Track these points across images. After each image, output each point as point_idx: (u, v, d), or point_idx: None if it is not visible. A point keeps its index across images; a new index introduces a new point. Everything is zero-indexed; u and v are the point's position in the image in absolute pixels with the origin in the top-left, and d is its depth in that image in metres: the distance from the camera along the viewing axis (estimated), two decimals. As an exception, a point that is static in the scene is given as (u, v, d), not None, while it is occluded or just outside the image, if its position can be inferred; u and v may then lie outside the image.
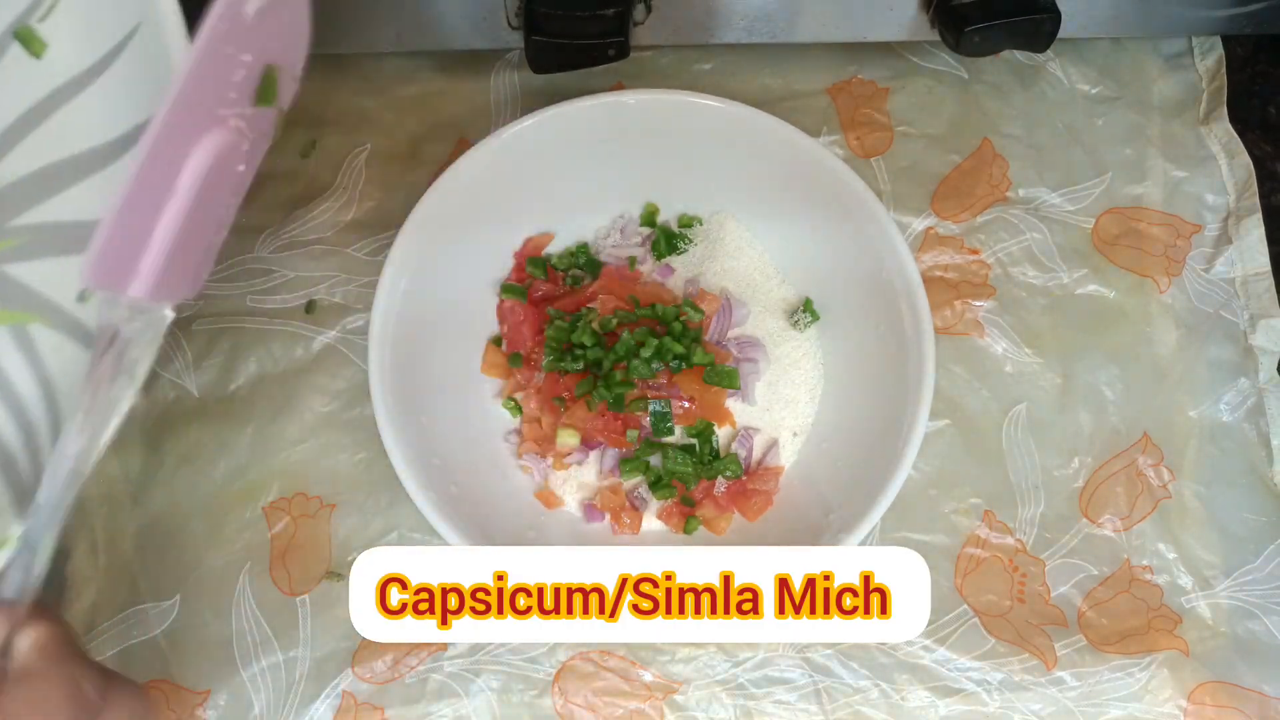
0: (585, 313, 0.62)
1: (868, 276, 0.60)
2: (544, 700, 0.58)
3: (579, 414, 0.59)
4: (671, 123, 0.61)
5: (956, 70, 0.71)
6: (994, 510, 0.62)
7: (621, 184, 0.65)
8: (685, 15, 0.63)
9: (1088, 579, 0.61)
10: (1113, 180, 0.69)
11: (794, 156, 0.61)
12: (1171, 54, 0.72)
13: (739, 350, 0.62)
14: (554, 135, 0.60)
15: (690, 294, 0.63)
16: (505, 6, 0.62)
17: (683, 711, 0.58)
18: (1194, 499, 0.62)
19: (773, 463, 0.61)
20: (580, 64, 0.62)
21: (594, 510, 0.60)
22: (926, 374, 0.56)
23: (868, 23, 0.65)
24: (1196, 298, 0.66)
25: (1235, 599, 0.61)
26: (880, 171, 0.69)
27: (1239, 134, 0.69)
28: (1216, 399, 0.64)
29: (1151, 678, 0.59)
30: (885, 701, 0.58)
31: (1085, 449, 0.63)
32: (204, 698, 0.58)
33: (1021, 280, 0.67)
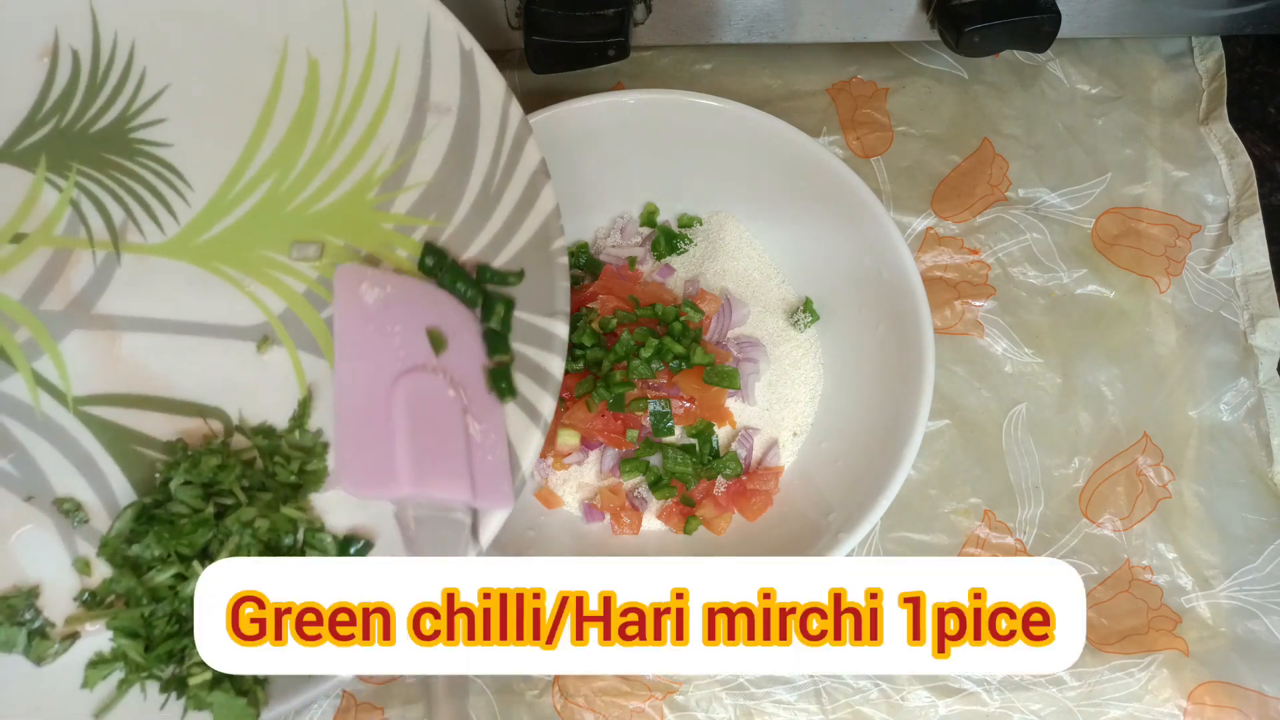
0: (585, 313, 0.62)
1: (868, 276, 0.60)
2: (544, 700, 0.58)
3: (579, 414, 0.59)
4: (671, 123, 0.61)
5: (956, 70, 0.71)
6: (994, 510, 0.62)
7: (621, 184, 0.65)
8: (685, 15, 0.63)
9: (1088, 579, 0.61)
10: (1113, 180, 0.69)
11: (794, 156, 0.61)
12: (1171, 54, 0.72)
13: (739, 350, 0.62)
14: (554, 135, 0.60)
15: (690, 294, 0.63)
16: (505, 6, 0.62)
17: (683, 711, 0.58)
18: (1194, 499, 0.62)
19: (773, 463, 0.61)
20: (580, 64, 0.62)
21: (594, 510, 0.60)
22: (926, 374, 0.56)
23: (868, 23, 0.65)
24: (1196, 298, 0.66)
25: (1235, 599, 0.61)
26: (880, 171, 0.69)
27: (1239, 134, 0.69)
28: (1216, 399, 0.64)
29: (1151, 678, 0.59)
30: (885, 702, 0.58)
31: (1085, 449, 0.63)
32: (204, 698, 0.58)
33: (1021, 280, 0.67)
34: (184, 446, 0.50)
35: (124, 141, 0.52)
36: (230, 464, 0.49)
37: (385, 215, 0.52)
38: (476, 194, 0.52)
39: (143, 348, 0.51)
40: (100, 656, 0.47)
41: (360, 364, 0.49)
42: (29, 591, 0.48)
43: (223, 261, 0.52)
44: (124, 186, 0.52)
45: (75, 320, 0.51)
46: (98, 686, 0.47)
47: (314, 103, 0.52)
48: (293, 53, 0.52)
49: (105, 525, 0.49)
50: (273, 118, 0.52)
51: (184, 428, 0.50)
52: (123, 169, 0.52)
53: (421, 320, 0.50)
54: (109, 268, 0.51)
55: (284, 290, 0.52)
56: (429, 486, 0.47)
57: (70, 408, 0.50)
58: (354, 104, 0.52)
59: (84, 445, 0.50)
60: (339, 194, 0.52)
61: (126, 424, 0.50)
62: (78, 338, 0.51)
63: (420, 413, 0.48)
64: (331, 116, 0.52)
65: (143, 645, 0.47)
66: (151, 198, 0.52)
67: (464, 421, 0.49)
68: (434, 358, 0.50)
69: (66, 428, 0.50)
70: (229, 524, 0.47)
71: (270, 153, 0.52)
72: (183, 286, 0.51)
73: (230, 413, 0.51)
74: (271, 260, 0.52)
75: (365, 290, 0.50)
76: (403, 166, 0.52)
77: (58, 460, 0.49)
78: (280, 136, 0.52)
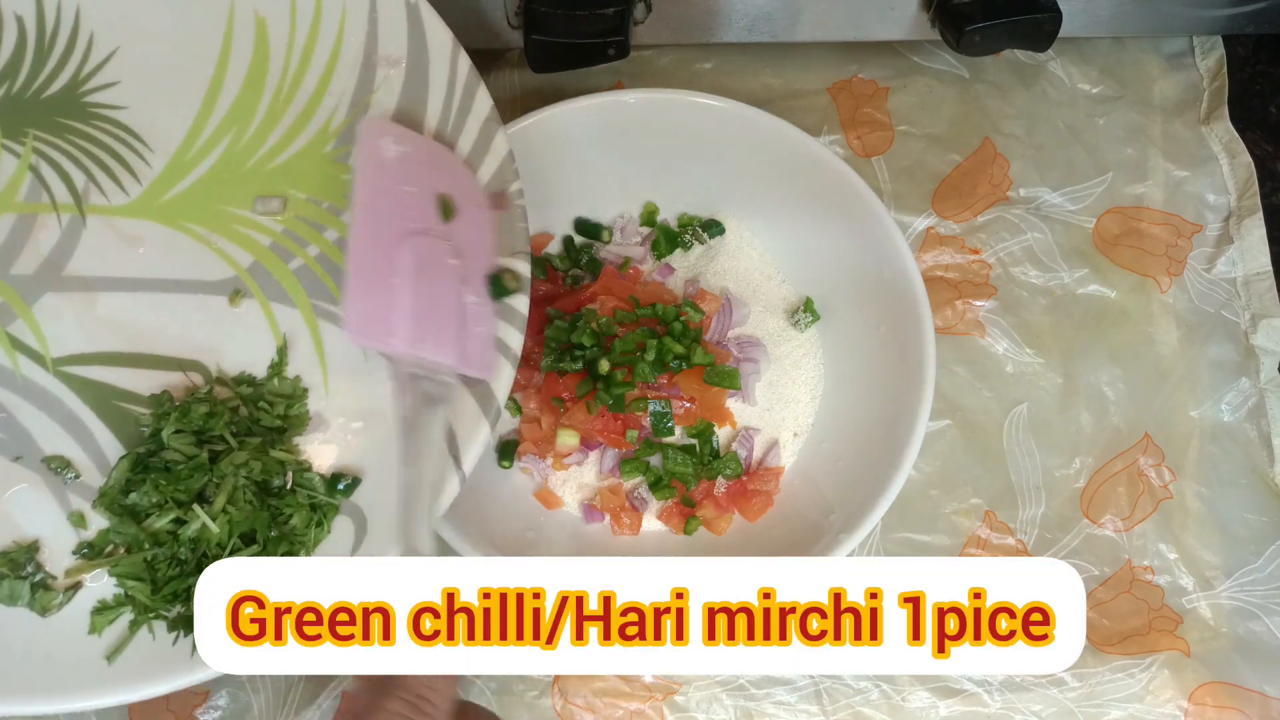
0: (585, 313, 0.61)
1: (868, 276, 0.60)
2: (544, 701, 0.58)
3: (579, 414, 0.59)
4: (672, 122, 0.61)
5: (957, 69, 0.71)
6: (995, 510, 0.62)
7: (621, 184, 0.65)
8: (685, 14, 0.63)
9: (1089, 580, 0.61)
10: (1114, 180, 0.69)
11: (794, 156, 0.60)
12: (1173, 53, 0.72)
13: (739, 350, 0.62)
14: (554, 135, 0.60)
15: (690, 294, 0.63)
16: (505, 6, 0.62)
17: (683, 712, 0.58)
18: (1195, 499, 0.62)
19: (773, 463, 0.61)
20: (580, 63, 0.62)
21: (594, 511, 0.60)
22: (927, 374, 0.56)
23: (868, 22, 0.65)
24: (1198, 297, 0.66)
25: (1236, 599, 0.60)
26: (881, 171, 0.69)
27: (1240, 133, 0.69)
28: (1218, 399, 0.64)
29: (1153, 678, 0.59)
30: (886, 702, 0.58)
31: (1086, 449, 0.63)
32: (203, 699, 0.58)
33: (1022, 280, 0.67)
34: (170, 398, 0.51)
35: (78, 106, 0.53)
36: (219, 410, 0.50)
37: (344, 167, 0.53)
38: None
39: (117, 307, 0.52)
40: (104, 604, 0.49)
41: (373, 216, 0.49)
42: (29, 546, 0.50)
43: (188, 219, 0.53)
44: (82, 150, 0.53)
45: (46, 283, 0.52)
46: (105, 631, 0.48)
47: (264, 60, 0.54)
48: (240, 12, 0.53)
49: (96, 480, 0.50)
50: (225, 77, 0.53)
51: (165, 382, 0.52)
52: (80, 133, 0.53)
53: (434, 185, 0.51)
54: (75, 230, 0.52)
55: (250, 244, 0.53)
56: (422, 346, 0.48)
57: (50, 369, 0.51)
58: (304, 60, 0.54)
59: (67, 404, 0.51)
60: (296, 148, 0.54)
61: (108, 381, 0.51)
62: (51, 300, 0.51)
63: (422, 274, 0.49)
64: (283, 73, 0.54)
65: (149, 587, 0.48)
66: (111, 160, 0.53)
67: (460, 290, 0.50)
68: (441, 224, 0.50)
69: (48, 388, 0.51)
70: (223, 467, 0.49)
71: (226, 111, 0.53)
72: (150, 245, 0.52)
73: (209, 365, 0.52)
74: (236, 216, 0.53)
75: (386, 145, 0.50)
76: (357, 119, 0.53)
77: (42, 421, 0.51)
78: (234, 95, 0.53)
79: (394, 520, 0.44)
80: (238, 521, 0.48)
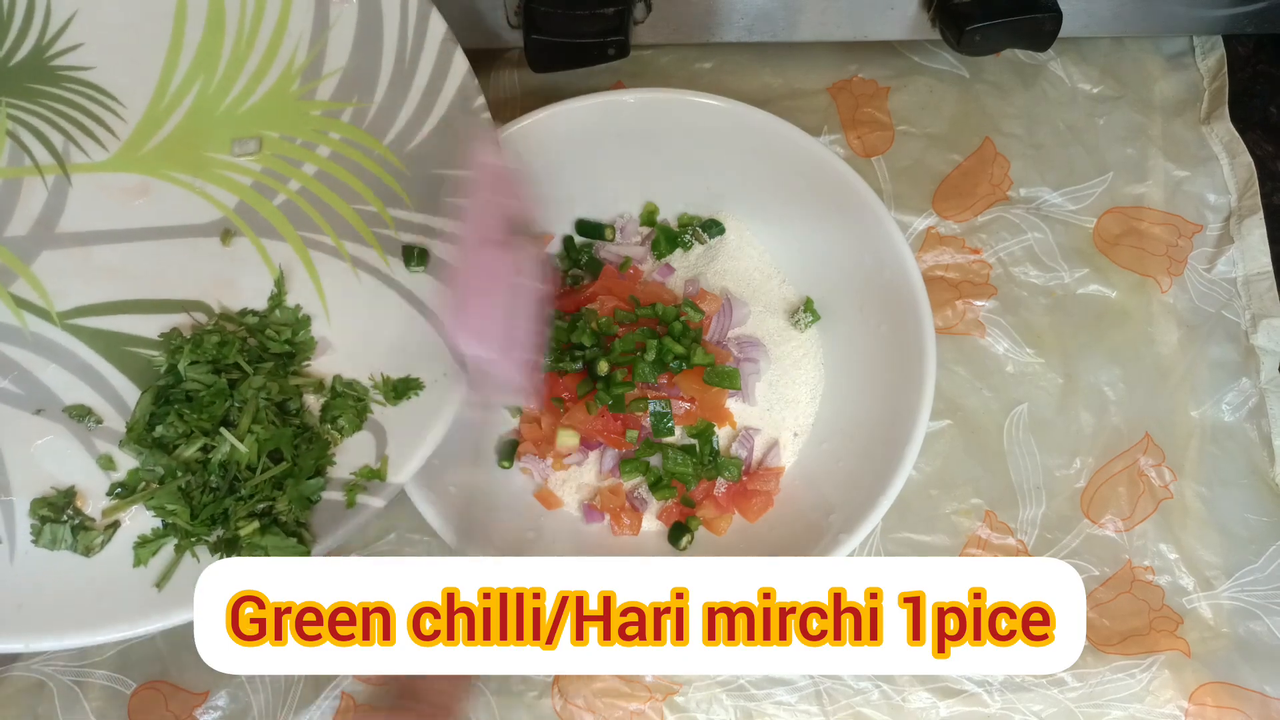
0: (585, 313, 0.61)
1: (869, 276, 0.60)
2: (544, 701, 0.58)
3: (579, 414, 0.59)
4: (672, 122, 0.61)
5: (957, 69, 0.71)
6: (995, 511, 0.62)
7: (621, 183, 0.65)
8: (685, 14, 0.63)
9: (1089, 580, 0.61)
10: (1114, 180, 0.69)
11: (795, 156, 0.60)
12: (1173, 53, 0.72)
13: (739, 350, 0.62)
14: (553, 134, 0.60)
15: (690, 294, 0.63)
16: (505, 5, 0.62)
17: (683, 713, 0.58)
18: (1195, 499, 0.62)
19: (773, 463, 0.61)
20: (580, 63, 0.62)
21: (594, 511, 0.60)
22: (927, 374, 0.56)
23: (868, 21, 0.65)
24: (1198, 297, 0.66)
25: (1237, 600, 0.60)
26: (881, 171, 0.69)
27: (1240, 133, 0.69)
28: (1218, 399, 0.64)
29: (1153, 679, 0.58)
30: (886, 703, 0.58)
31: (1087, 449, 0.63)
32: (203, 699, 0.58)
33: (1023, 280, 0.67)
34: (180, 334, 0.53)
35: (46, 70, 0.55)
36: (230, 339, 0.52)
37: (311, 103, 0.56)
38: (392, 70, 0.56)
39: (114, 257, 0.53)
40: (144, 538, 0.50)
41: (478, 225, 0.51)
42: (65, 491, 0.51)
43: (170, 167, 0.55)
44: (57, 112, 0.54)
45: (42, 242, 0.53)
46: (150, 563, 0.50)
47: (221, 7, 0.56)
48: None
49: (117, 424, 0.52)
50: (185, 27, 0.56)
51: (171, 324, 0.53)
52: (52, 96, 0.55)
53: (508, 202, 0.52)
54: (61, 189, 0.54)
55: (233, 185, 0.55)
56: (508, 355, 0.50)
57: (57, 323, 0.53)
58: (260, 2, 0.56)
59: (80, 355, 0.52)
60: (264, 90, 0.56)
61: (115, 329, 0.53)
62: (49, 257, 0.53)
63: (506, 285, 0.51)
64: (240, 18, 0.56)
65: (189, 513, 0.50)
66: (87, 119, 0.55)
67: (526, 308, 0.52)
68: (512, 239, 0.51)
69: (58, 341, 0.52)
70: (243, 391, 0.51)
71: (190, 60, 0.56)
72: (137, 196, 0.54)
73: (211, 304, 0.54)
74: (216, 160, 0.55)
75: (490, 154, 0.53)
76: (318, 56, 0.56)
77: (57, 372, 0.52)
78: (196, 44, 0.56)
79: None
80: (265, 440, 0.50)
